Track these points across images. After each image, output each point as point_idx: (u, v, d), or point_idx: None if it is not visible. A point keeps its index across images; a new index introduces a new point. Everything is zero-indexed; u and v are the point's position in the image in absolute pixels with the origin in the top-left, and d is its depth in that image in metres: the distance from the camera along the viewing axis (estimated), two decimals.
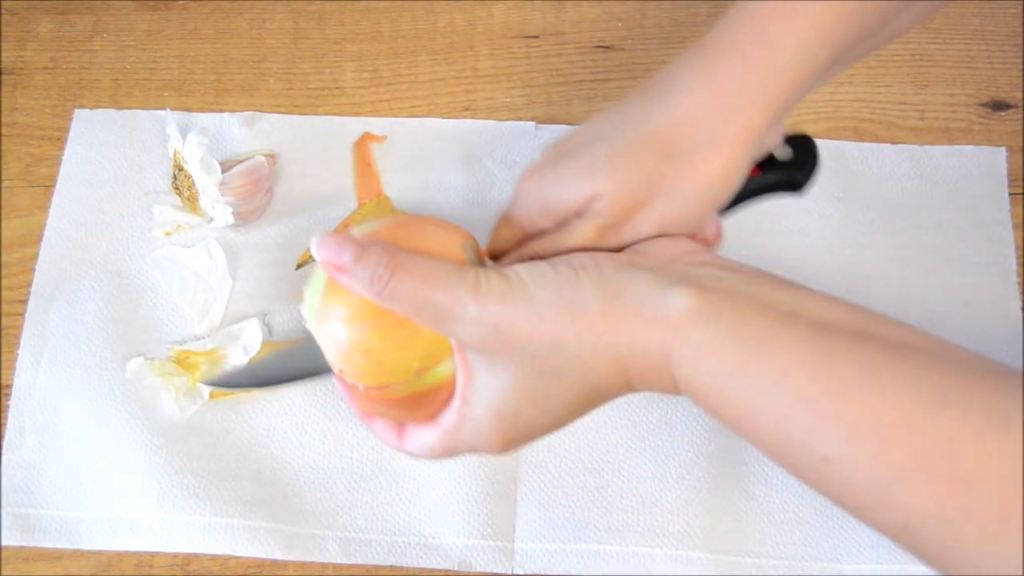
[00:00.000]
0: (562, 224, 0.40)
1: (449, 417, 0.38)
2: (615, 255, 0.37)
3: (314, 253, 0.35)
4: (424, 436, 0.39)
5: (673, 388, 0.34)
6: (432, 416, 0.38)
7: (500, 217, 0.43)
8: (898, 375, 0.30)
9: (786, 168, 0.43)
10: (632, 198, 0.37)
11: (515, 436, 0.37)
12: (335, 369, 0.37)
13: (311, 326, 0.38)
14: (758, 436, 0.33)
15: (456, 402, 0.37)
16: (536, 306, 0.34)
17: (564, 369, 0.35)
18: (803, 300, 0.33)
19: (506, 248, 0.42)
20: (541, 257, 0.39)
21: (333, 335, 0.37)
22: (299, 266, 0.55)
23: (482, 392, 0.36)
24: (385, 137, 0.59)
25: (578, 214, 0.39)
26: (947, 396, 0.29)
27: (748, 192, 0.42)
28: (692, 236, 0.40)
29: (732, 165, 0.37)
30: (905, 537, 0.30)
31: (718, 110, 0.36)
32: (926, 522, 0.29)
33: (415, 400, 0.37)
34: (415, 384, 0.37)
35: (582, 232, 0.38)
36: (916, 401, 0.29)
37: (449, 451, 0.39)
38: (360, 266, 0.34)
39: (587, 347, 0.34)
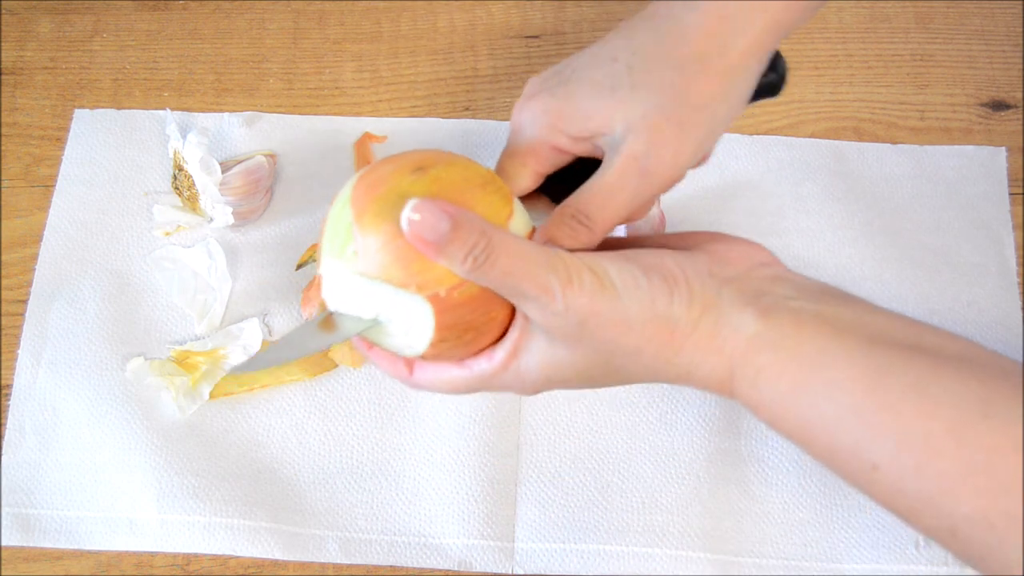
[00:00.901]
0: (578, 143, 0.39)
1: (485, 365, 0.38)
2: (698, 262, 0.36)
3: (404, 222, 0.33)
4: (448, 372, 0.39)
5: (729, 397, 0.36)
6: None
7: (502, 154, 0.41)
8: (945, 388, 0.32)
9: (764, 75, 0.43)
10: (662, 114, 0.37)
11: (551, 388, 0.38)
12: (410, 288, 0.35)
13: (356, 272, 0.35)
14: (812, 446, 0.35)
15: (500, 353, 0.37)
16: (626, 313, 0.34)
17: (630, 369, 0.36)
18: (864, 315, 0.35)
19: (518, 187, 0.40)
20: (585, 215, 0.37)
21: (395, 253, 0.34)
22: (299, 266, 0.55)
23: (538, 356, 0.37)
24: (385, 137, 0.59)
25: (601, 134, 0.38)
26: (990, 407, 0.31)
27: None
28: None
29: (741, 75, 0.39)
30: (952, 540, 0.32)
31: (725, 25, 0.38)
32: (972, 527, 0.31)
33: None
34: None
35: (619, 168, 0.37)
36: (961, 412, 0.31)
37: (473, 390, 0.39)
38: (455, 245, 0.33)
39: (662, 359, 0.35)
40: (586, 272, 0.34)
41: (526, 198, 0.41)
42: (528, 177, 0.40)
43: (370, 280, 0.35)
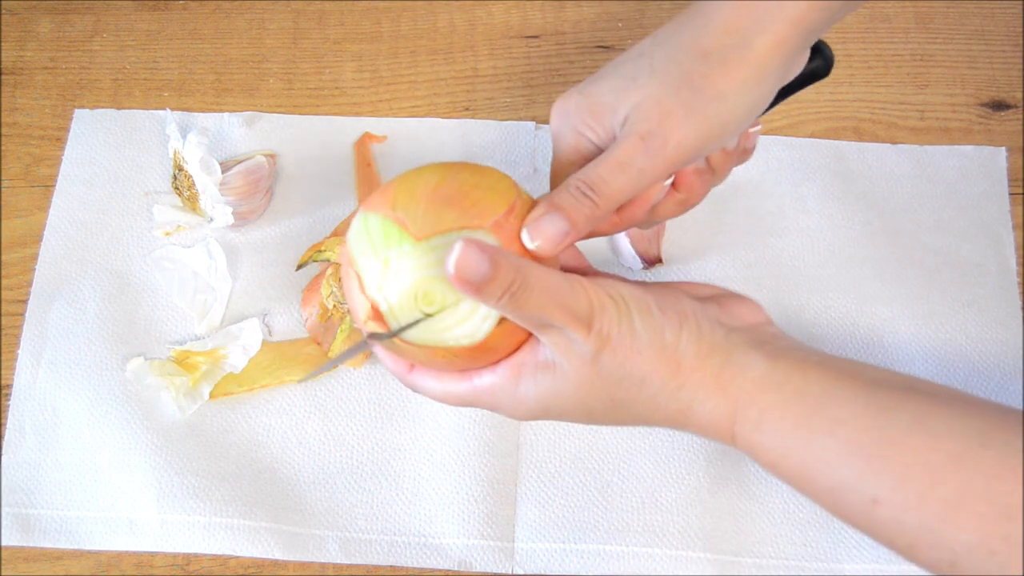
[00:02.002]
0: (608, 134, 0.40)
1: (488, 378, 0.38)
2: (708, 309, 0.38)
3: (450, 264, 0.32)
4: (446, 382, 0.39)
5: (730, 441, 0.37)
6: None
7: (552, 162, 0.42)
8: (944, 422, 0.33)
9: (810, 62, 0.43)
10: (676, 97, 0.38)
11: (546, 418, 0.39)
12: (471, 227, 0.35)
13: (409, 243, 0.35)
14: (813, 484, 0.35)
15: (503, 368, 0.38)
16: (637, 340, 0.36)
17: (633, 402, 0.37)
18: (862, 365, 0.37)
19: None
20: (589, 186, 0.37)
21: (441, 201, 0.35)
22: (299, 267, 0.55)
23: (542, 385, 0.37)
24: (385, 137, 0.59)
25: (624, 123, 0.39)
26: (987, 438, 0.32)
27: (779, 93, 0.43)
28: (744, 136, 0.42)
29: (764, 71, 0.39)
30: (954, 572, 0.32)
31: (750, 21, 0.38)
32: (973, 555, 0.31)
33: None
34: (524, 197, 0.38)
35: (626, 144, 0.38)
36: (960, 443, 0.32)
37: (467, 404, 0.39)
38: (494, 284, 0.33)
39: (667, 392, 0.36)
40: (608, 300, 0.36)
41: None
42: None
43: (428, 243, 0.35)
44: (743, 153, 0.43)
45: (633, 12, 0.63)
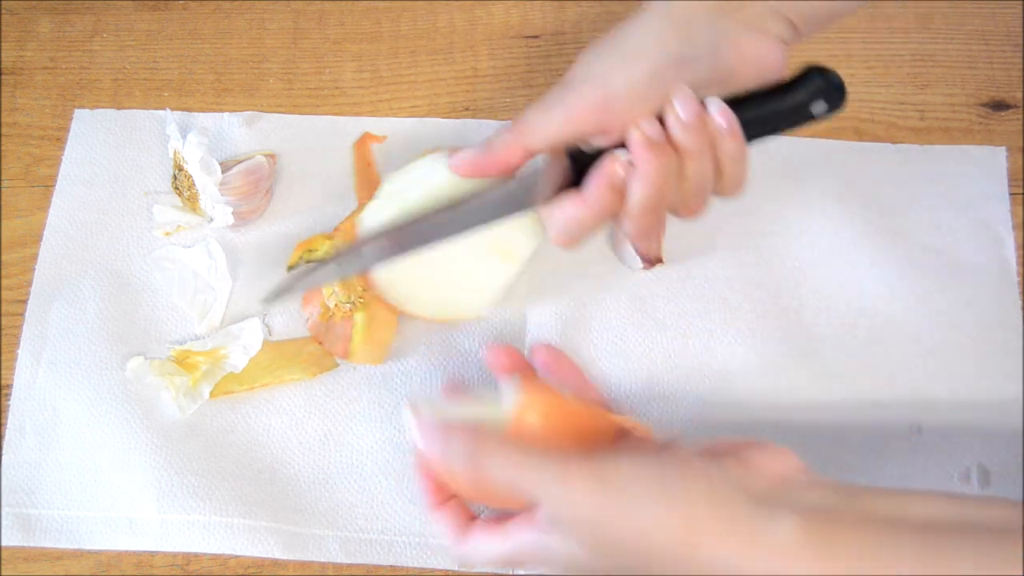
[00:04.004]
0: None
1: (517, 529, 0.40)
2: (727, 470, 0.36)
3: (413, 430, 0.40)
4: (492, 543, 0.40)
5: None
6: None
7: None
8: (1008, 561, 0.31)
9: (798, 91, 0.46)
10: (590, 53, 0.45)
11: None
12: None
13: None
14: None
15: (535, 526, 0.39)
16: (629, 495, 0.33)
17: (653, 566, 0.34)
18: (906, 504, 0.34)
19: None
20: (512, 122, 0.45)
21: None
22: (290, 268, 0.55)
23: (559, 547, 0.37)
24: (385, 137, 0.59)
25: None
26: None
27: (763, 120, 0.47)
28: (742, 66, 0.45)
29: (671, 16, 0.44)
30: None
31: None
32: None
33: None
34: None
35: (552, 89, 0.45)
36: None
37: (524, 548, 0.39)
38: (454, 446, 0.38)
39: (687, 553, 0.33)
40: (580, 463, 0.35)
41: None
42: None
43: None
44: (727, 137, 0.45)
45: (633, 12, 0.63)
